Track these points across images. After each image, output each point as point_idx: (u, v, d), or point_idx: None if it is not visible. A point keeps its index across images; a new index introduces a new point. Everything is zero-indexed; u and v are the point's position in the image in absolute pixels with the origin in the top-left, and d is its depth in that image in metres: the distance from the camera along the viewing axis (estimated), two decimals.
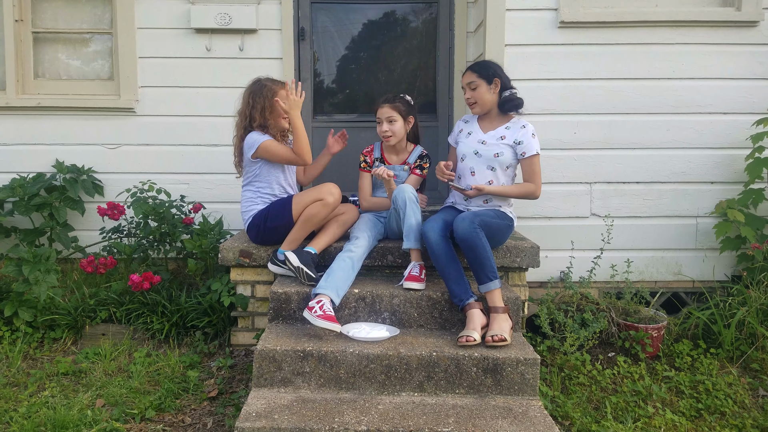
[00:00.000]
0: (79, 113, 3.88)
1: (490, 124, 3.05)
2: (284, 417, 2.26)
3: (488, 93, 2.98)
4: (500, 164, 2.97)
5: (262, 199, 3.07)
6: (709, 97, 3.59)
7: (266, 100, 3.02)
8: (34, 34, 3.95)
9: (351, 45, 4.16)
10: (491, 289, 2.68)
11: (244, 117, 3.07)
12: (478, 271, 2.70)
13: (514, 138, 2.96)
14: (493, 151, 2.97)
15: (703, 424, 2.59)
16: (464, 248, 2.70)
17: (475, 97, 2.99)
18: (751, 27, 3.54)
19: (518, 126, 2.99)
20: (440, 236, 2.76)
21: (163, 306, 3.26)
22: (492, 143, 2.99)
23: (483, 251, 2.66)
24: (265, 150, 2.98)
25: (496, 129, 3.02)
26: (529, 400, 2.45)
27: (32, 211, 3.61)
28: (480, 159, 2.99)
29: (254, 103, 3.03)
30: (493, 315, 2.68)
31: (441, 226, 2.80)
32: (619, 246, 3.62)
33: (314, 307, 2.61)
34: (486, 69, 2.98)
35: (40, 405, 2.57)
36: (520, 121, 3.00)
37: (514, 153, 2.97)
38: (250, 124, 3.04)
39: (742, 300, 3.21)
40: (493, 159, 2.96)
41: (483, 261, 2.67)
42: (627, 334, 3.13)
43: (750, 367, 3.03)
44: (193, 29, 3.81)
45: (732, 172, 3.63)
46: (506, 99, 2.99)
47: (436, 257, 2.77)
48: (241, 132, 3.07)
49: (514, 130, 2.98)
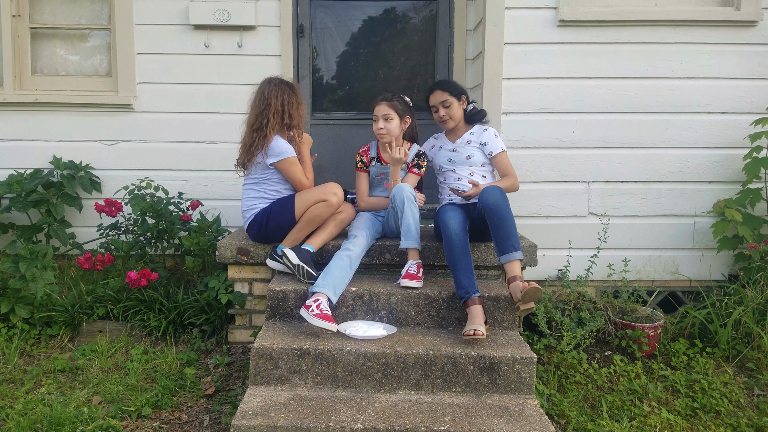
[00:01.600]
0: (76, 109, 3.87)
1: (455, 135, 3.27)
2: (281, 415, 2.26)
3: (459, 109, 3.21)
4: (473, 164, 3.17)
5: (266, 198, 3.06)
6: (708, 97, 3.59)
7: (297, 99, 3.08)
8: (32, 29, 3.94)
9: (350, 42, 4.15)
10: (513, 259, 2.72)
11: (277, 114, 3.00)
12: (503, 242, 2.73)
13: (479, 140, 3.18)
14: (464, 155, 3.18)
15: (698, 423, 2.60)
16: (494, 217, 2.75)
17: (449, 113, 3.18)
18: (750, 27, 3.54)
19: (481, 130, 3.21)
20: (461, 227, 2.82)
21: (161, 303, 3.25)
22: (461, 149, 3.20)
23: (511, 220, 2.77)
24: (289, 164, 3.00)
25: (461, 137, 3.24)
26: (526, 399, 2.46)
27: (29, 207, 3.60)
28: (455, 164, 3.19)
29: (289, 99, 3.04)
30: (515, 283, 2.69)
31: (462, 218, 2.88)
32: (617, 245, 3.62)
33: (311, 306, 2.61)
34: (455, 87, 3.21)
35: (36, 402, 2.57)
36: (480, 127, 3.24)
37: (482, 153, 3.18)
38: (288, 123, 3.04)
39: (739, 299, 3.22)
40: (465, 161, 3.18)
41: (510, 231, 2.74)
42: (624, 332, 3.14)
43: (746, 367, 3.04)
44: (191, 25, 3.80)
45: (730, 172, 3.63)
46: (473, 112, 3.24)
47: (453, 247, 2.78)
48: (276, 128, 3.00)
49: (477, 134, 3.21)
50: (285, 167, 3.00)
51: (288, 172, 3.03)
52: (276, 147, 2.98)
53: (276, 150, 2.98)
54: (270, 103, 3.01)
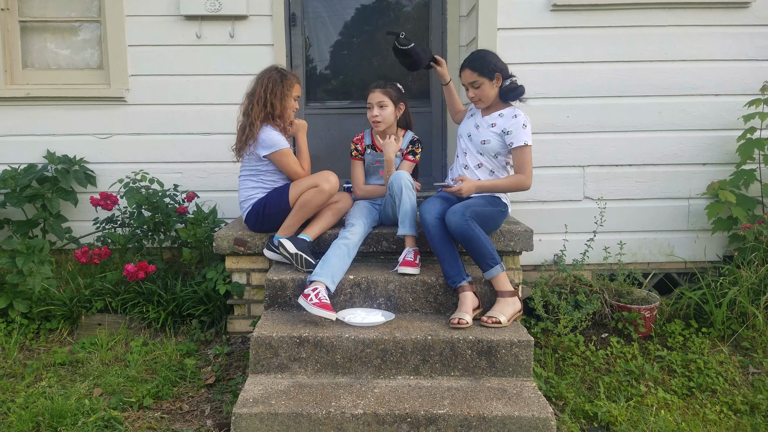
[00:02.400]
0: (69, 103, 3.85)
1: (488, 110, 3.03)
2: (281, 402, 2.28)
3: (491, 89, 2.94)
4: (487, 151, 2.96)
5: (263, 188, 3.08)
6: (701, 79, 3.60)
7: (286, 89, 3.02)
8: (21, 23, 3.90)
9: (344, 31, 4.13)
10: (494, 275, 2.72)
11: (260, 102, 3.00)
12: (478, 261, 2.74)
13: (503, 127, 2.92)
14: (481, 138, 2.97)
15: (694, 401, 2.63)
16: (460, 241, 2.73)
17: (479, 95, 2.95)
18: (743, 8, 3.54)
19: (511, 115, 2.94)
20: (437, 219, 2.78)
21: (159, 295, 3.26)
22: (483, 129, 2.99)
23: (478, 242, 2.69)
24: (281, 155, 2.99)
25: (491, 114, 3.00)
26: (524, 381, 2.48)
27: (24, 202, 3.59)
28: (471, 143, 3.03)
29: (273, 88, 3.01)
30: (499, 299, 2.72)
31: (438, 209, 2.81)
32: (612, 228, 3.64)
33: (309, 295, 2.62)
34: (486, 65, 2.91)
35: (37, 395, 2.58)
36: (514, 110, 2.95)
37: (502, 142, 2.93)
38: (270, 112, 3.01)
39: (734, 280, 3.25)
40: (480, 146, 2.98)
41: (481, 251, 2.70)
42: (620, 315, 3.16)
43: (741, 346, 3.07)
44: (182, 16, 3.77)
45: (724, 154, 3.65)
46: (508, 89, 2.94)
47: (432, 239, 2.79)
48: (261, 117, 3.00)
49: (507, 118, 2.94)
50: (278, 159, 3.00)
51: (281, 164, 3.03)
52: (267, 139, 2.98)
53: (267, 142, 2.98)
54: (255, 90, 3.04)
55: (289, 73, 3.10)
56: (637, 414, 2.48)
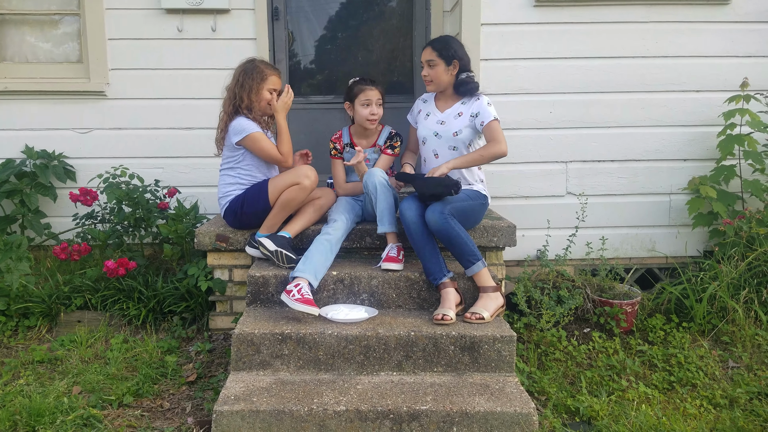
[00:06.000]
0: (48, 97, 3.78)
1: (445, 103, 3.04)
2: (263, 399, 2.26)
3: (445, 74, 2.94)
4: (461, 142, 2.96)
5: (241, 184, 3.03)
6: (683, 75, 3.62)
7: (255, 83, 2.98)
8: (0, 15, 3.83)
9: (328, 25, 4.10)
10: (476, 272, 2.73)
11: (232, 95, 3.00)
12: (459, 258, 2.74)
13: (470, 111, 2.93)
14: (452, 130, 2.96)
15: (675, 396, 2.65)
16: (440, 239, 2.73)
17: (432, 76, 2.96)
18: (724, 5, 3.56)
19: (473, 99, 2.96)
20: (416, 216, 2.76)
21: (140, 292, 3.22)
22: (450, 122, 2.98)
23: (458, 239, 2.68)
24: (252, 141, 2.94)
25: (452, 107, 3.01)
26: (506, 377, 2.49)
27: (2, 198, 3.53)
28: (441, 140, 3.00)
29: (243, 82, 2.98)
30: (482, 294, 2.72)
31: (417, 206, 2.79)
32: (595, 224, 3.66)
33: (292, 291, 2.60)
34: (447, 49, 2.91)
35: (15, 393, 2.54)
36: (473, 96, 2.97)
37: (473, 128, 2.94)
38: (238, 104, 2.98)
39: (714, 275, 3.28)
40: (452, 138, 2.96)
41: (461, 248, 2.70)
42: (602, 310, 3.19)
43: (721, 340, 3.11)
44: (163, 9, 3.72)
45: (705, 150, 3.68)
46: (462, 82, 2.94)
47: (412, 236, 2.78)
48: (230, 110, 3.00)
49: (469, 104, 2.95)
50: (250, 144, 2.96)
51: (255, 150, 2.98)
52: (237, 125, 2.95)
53: (237, 128, 2.95)
54: (230, 83, 3.03)
55: (263, 64, 3.04)
56: (618, 408, 2.50)
